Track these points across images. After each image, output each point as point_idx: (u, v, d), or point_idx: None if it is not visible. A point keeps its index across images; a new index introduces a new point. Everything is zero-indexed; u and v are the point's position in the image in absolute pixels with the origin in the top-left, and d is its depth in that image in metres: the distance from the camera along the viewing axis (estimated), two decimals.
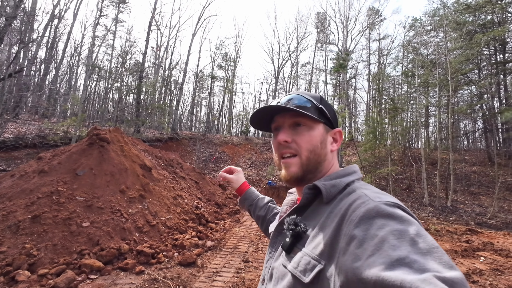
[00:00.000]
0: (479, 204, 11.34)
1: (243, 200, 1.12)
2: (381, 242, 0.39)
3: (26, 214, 3.69)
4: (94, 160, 5.07)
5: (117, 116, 16.98)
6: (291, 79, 29.24)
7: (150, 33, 20.61)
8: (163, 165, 7.55)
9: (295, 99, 0.66)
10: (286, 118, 0.66)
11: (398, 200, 0.49)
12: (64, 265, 3.12)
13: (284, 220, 0.62)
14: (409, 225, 0.41)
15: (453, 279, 0.32)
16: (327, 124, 0.67)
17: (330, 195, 0.57)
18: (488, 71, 17.50)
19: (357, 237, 0.42)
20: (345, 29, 25.82)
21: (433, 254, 0.36)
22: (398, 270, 0.34)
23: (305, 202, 0.61)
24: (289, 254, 0.56)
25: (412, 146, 19.75)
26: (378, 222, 0.42)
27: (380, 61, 26.42)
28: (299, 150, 0.63)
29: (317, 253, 0.49)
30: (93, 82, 26.89)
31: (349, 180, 0.60)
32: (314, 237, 0.52)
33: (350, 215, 0.47)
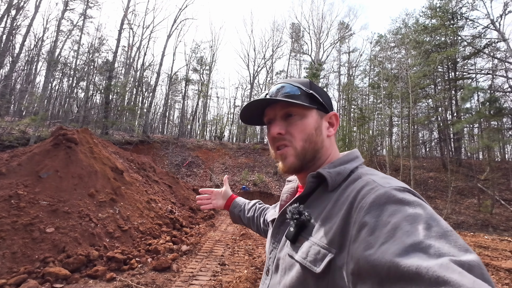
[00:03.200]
0: (435, 207, 12.41)
1: (232, 209, 1.12)
2: (394, 229, 0.37)
3: None
4: (60, 162, 4.75)
5: (83, 116, 15.96)
6: (266, 86, 29.76)
7: (122, 31, 19.82)
8: (135, 169, 7.25)
9: (283, 88, 0.64)
10: (276, 110, 0.64)
11: (407, 185, 0.48)
12: (25, 274, 2.88)
13: (286, 209, 0.60)
14: (422, 209, 0.40)
15: (470, 262, 0.31)
16: (320, 109, 0.65)
17: (335, 183, 0.56)
18: (442, 86, 19.41)
19: (369, 224, 0.41)
20: (318, 40, 27.09)
21: (448, 237, 0.35)
22: (413, 255, 0.33)
23: (308, 190, 0.59)
24: (294, 243, 0.55)
25: (378, 153, 21.09)
26: (390, 208, 0.41)
27: (349, 72, 28.05)
28: (292, 141, 0.62)
29: (327, 242, 0.47)
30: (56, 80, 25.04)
31: (353, 166, 0.59)
32: (322, 226, 0.51)
33: (360, 202, 0.46)
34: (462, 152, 18.56)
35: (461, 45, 17.94)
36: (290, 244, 0.56)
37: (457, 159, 16.91)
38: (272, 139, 0.64)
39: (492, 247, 6.69)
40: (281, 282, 0.55)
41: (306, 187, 0.59)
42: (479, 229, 10.04)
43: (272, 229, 0.67)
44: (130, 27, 23.29)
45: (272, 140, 0.64)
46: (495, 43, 17.01)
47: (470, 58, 18.58)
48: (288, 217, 0.57)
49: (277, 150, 0.64)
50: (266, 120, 0.68)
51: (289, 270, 0.53)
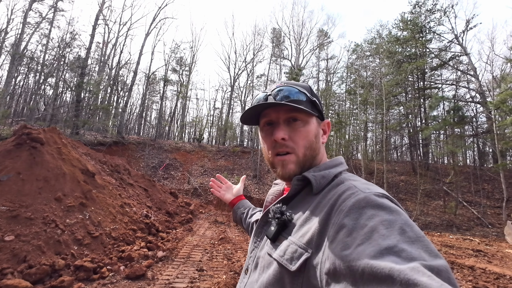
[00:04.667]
0: (406, 208, 13.08)
1: (236, 209, 1.11)
2: (371, 232, 0.39)
3: None
4: (23, 163, 4.38)
5: (51, 115, 14.95)
6: (246, 89, 29.84)
7: (97, 27, 18.88)
8: (108, 171, 6.88)
9: (288, 91, 0.63)
10: (280, 113, 0.63)
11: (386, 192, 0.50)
12: None
13: (269, 209, 0.61)
14: (398, 215, 0.42)
15: (439, 266, 0.33)
16: (319, 116, 0.67)
17: (320, 186, 0.57)
18: (412, 95, 20.66)
19: (347, 226, 0.42)
20: (297, 46, 27.71)
21: (421, 242, 0.37)
22: (387, 258, 0.34)
23: (293, 192, 0.60)
24: (274, 242, 0.56)
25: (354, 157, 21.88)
26: (368, 212, 0.43)
27: (327, 78, 28.93)
28: (295, 148, 0.61)
29: (305, 242, 0.49)
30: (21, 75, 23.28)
31: (337, 171, 0.61)
32: (301, 226, 0.52)
33: (340, 205, 0.48)
34: (429, 157, 19.78)
35: (429, 57, 19.25)
36: (270, 243, 0.57)
37: (425, 163, 17.99)
38: (273, 143, 0.63)
39: (456, 246, 7.16)
40: (258, 280, 0.56)
41: (291, 189, 0.61)
42: (444, 229, 10.72)
43: (255, 228, 0.68)
44: (106, 23, 22.31)
45: (273, 144, 0.63)
46: (458, 56, 18.46)
47: (437, 69, 19.99)
48: (270, 217, 0.58)
49: (276, 155, 0.63)
50: (265, 121, 0.66)
51: (267, 268, 0.54)
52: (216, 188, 1.19)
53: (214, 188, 1.19)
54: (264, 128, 0.66)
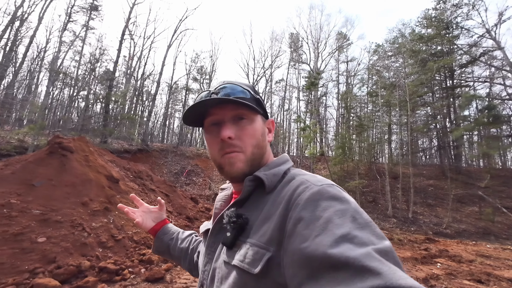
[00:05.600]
0: (436, 215, 12.27)
1: (161, 235, 0.93)
2: (326, 222, 0.41)
3: None
4: (54, 170, 4.72)
5: (82, 125, 16.00)
6: (265, 95, 29.99)
7: (123, 42, 20.11)
8: (132, 177, 7.21)
9: (231, 89, 0.61)
10: (226, 111, 0.61)
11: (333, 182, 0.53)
12: (13, 285, 2.81)
13: (223, 214, 0.58)
14: (348, 204, 0.45)
15: (386, 248, 0.38)
16: (263, 114, 0.66)
17: (271, 184, 0.57)
18: (440, 94, 19.54)
19: (304, 218, 0.44)
20: (316, 50, 27.49)
21: (369, 227, 0.41)
22: (342, 246, 0.37)
23: (246, 194, 0.58)
24: (231, 249, 0.53)
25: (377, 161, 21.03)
26: (323, 204, 0.45)
27: (348, 81, 28.28)
28: (243, 147, 0.60)
29: (264, 241, 0.48)
30: (57, 89, 25.26)
31: (286, 168, 0.62)
32: (259, 226, 0.51)
33: (296, 199, 0.48)
34: (461, 160, 18.48)
35: (457, 54, 18.15)
36: (227, 250, 0.54)
37: (456, 167, 16.83)
38: (220, 143, 0.60)
39: (494, 256, 6.57)
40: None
41: (243, 191, 0.58)
42: (480, 238, 9.89)
43: (208, 238, 0.64)
44: (131, 38, 23.66)
45: (220, 144, 0.60)
46: (491, 51, 17.23)
47: (467, 67, 18.76)
48: (225, 222, 0.55)
49: (224, 155, 0.60)
50: (210, 121, 0.63)
51: (226, 278, 0.52)
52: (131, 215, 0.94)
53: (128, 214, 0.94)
54: (210, 128, 0.63)
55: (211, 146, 0.63)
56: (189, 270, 0.89)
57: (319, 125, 22.36)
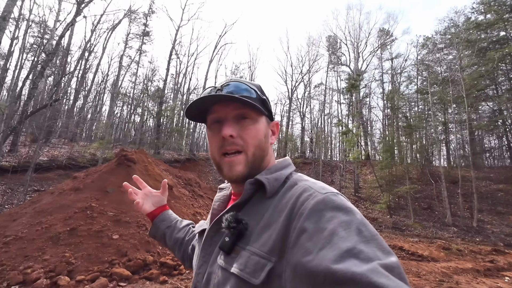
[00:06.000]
0: (508, 224, 10.72)
1: (158, 222, 0.91)
2: (331, 235, 0.40)
3: (65, 227, 4.13)
4: (122, 178, 5.55)
5: (139, 138, 17.98)
6: (304, 100, 29.83)
7: (171, 61, 22.21)
8: (183, 184, 7.96)
9: (237, 87, 0.60)
10: (229, 109, 0.59)
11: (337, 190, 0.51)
12: (97, 272, 3.46)
13: (222, 217, 0.57)
14: (354, 215, 0.43)
15: (392, 264, 0.36)
16: (268, 116, 0.65)
17: (273, 189, 0.56)
18: (507, 86, 17.15)
19: (307, 230, 0.42)
20: (356, 50, 26.52)
21: (375, 241, 0.40)
22: (348, 261, 0.36)
23: (246, 197, 0.57)
24: (229, 254, 0.51)
25: (432, 163, 19.16)
26: (327, 214, 0.44)
27: (393, 79, 26.56)
28: (245, 146, 0.59)
29: (266, 251, 0.47)
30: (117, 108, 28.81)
31: (288, 172, 0.60)
32: (261, 234, 0.50)
33: (299, 208, 0.47)
34: None
35: None
36: (224, 256, 0.52)
37: None
38: (221, 141, 0.59)
39: None
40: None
41: (243, 194, 0.57)
42: None
43: (203, 240, 0.62)
44: (178, 57, 25.92)
45: (221, 142, 0.59)
46: None
47: None
48: (224, 226, 0.53)
49: (223, 155, 0.60)
50: (212, 118, 0.62)
51: (223, 285, 0.50)
52: (133, 196, 0.94)
53: (130, 195, 0.94)
54: (212, 126, 0.62)
55: (211, 143, 0.62)
56: (182, 260, 0.88)
57: (363, 128, 21.36)
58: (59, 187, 5.66)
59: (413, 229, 10.64)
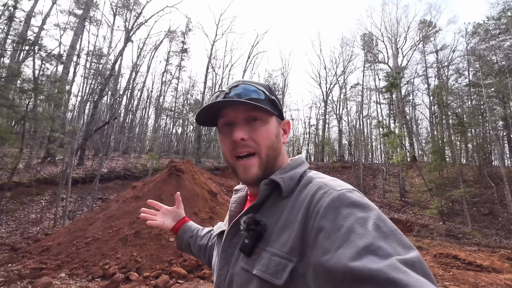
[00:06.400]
0: None
1: (182, 234, 0.98)
2: (348, 232, 0.40)
3: (130, 230, 4.78)
4: (173, 187, 6.18)
5: (183, 149, 19.32)
6: (340, 102, 29.04)
7: (208, 75, 23.56)
8: (225, 191, 8.45)
9: (245, 89, 0.61)
10: (239, 112, 0.60)
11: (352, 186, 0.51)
12: (160, 270, 3.97)
13: (239, 219, 0.57)
14: (371, 211, 0.43)
15: (413, 259, 0.35)
16: (278, 115, 0.65)
17: (288, 188, 0.56)
18: None
19: (325, 228, 0.43)
20: (394, 46, 25.15)
21: (394, 236, 0.39)
22: (366, 258, 0.35)
23: (262, 198, 0.58)
24: (250, 256, 0.52)
25: (491, 164, 17.14)
26: (343, 211, 0.44)
27: (439, 73, 24.50)
28: (257, 148, 0.59)
29: (286, 251, 0.47)
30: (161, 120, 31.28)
31: (302, 170, 0.61)
32: (280, 234, 0.50)
33: (315, 206, 0.47)
34: None
35: None
36: (245, 257, 0.53)
37: None
38: (233, 144, 0.59)
39: None
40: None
41: (259, 195, 0.57)
42: None
43: (223, 242, 0.62)
44: (213, 70, 27.36)
45: (232, 145, 0.60)
46: None
47: None
48: (243, 228, 0.54)
49: (237, 159, 0.60)
50: (223, 122, 0.63)
51: (246, 286, 0.51)
52: (150, 217, 1.02)
53: (148, 218, 1.02)
54: (223, 129, 0.63)
55: (223, 146, 0.63)
56: (208, 264, 0.89)
57: (407, 128, 20.05)
58: (122, 196, 6.51)
59: (472, 237, 9.68)
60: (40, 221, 8.48)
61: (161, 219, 1.02)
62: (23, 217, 8.47)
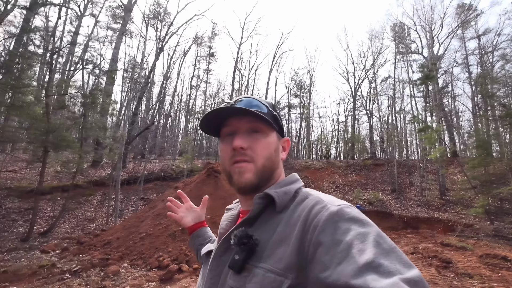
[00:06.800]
0: None
1: (195, 237, 0.98)
2: (347, 248, 0.39)
3: (177, 227, 5.28)
4: (212, 187, 6.63)
5: (215, 150, 20.13)
6: (370, 97, 27.99)
7: (235, 77, 24.17)
8: None
9: (249, 102, 0.63)
10: (242, 123, 0.62)
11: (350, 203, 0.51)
12: None
13: (230, 234, 0.55)
14: (370, 227, 0.43)
15: (415, 278, 0.35)
16: (279, 132, 0.66)
17: (283, 202, 0.55)
18: None
19: (323, 243, 0.42)
20: (429, 35, 23.64)
21: (394, 253, 0.39)
22: (367, 276, 0.35)
23: (256, 212, 0.56)
24: (240, 273, 0.49)
25: None
26: (342, 226, 0.43)
27: (482, 60, 22.55)
28: (255, 157, 0.60)
29: (282, 267, 0.45)
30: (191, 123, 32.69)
31: (297, 186, 0.61)
32: (274, 249, 0.48)
33: (313, 219, 0.46)
34: None
35: None
36: (234, 275, 0.50)
37: None
38: (231, 152, 0.61)
39: None
40: None
41: (253, 209, 0.56)
42: None
43: (211, 261, 0.60)
44: (240, 72, 27.97)
45: (231, 153, 0.61)
46: None
47: None
48: (234, 243, 0.52)
49: (234, 163, 0.61)
50: (226, 131, 0.64)
51: None
52: (174, 209, 1.02)
53: (171, 209, 1.02)
54: (225, 138, 0.64)
55: (223, 155, 0.63)
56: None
57: (445, 122, 18.83)
58: (166, 195, 7.11)
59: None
60: (94, 218, 9.51)
61: (182, 214, 1.01)
62: (80, 215, 9.56)
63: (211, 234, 1.00)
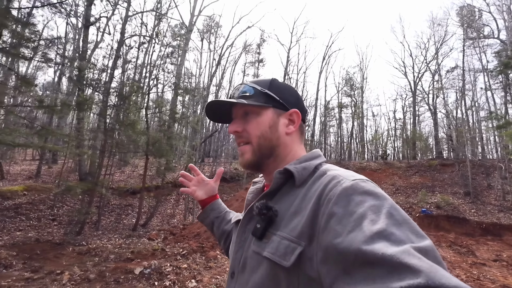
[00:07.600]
0: None
1: (209, 210, 0.97)
2: (360, 218, 0.41)
3: None
4: None
5: None
6: (434, 90, 25.50)
7: (284, 81, 24.74)
8: None
9: (238, 89, 0.68)
10: (237, 109, 0.68)
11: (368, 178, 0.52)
12: None
13: (253, 205, 0.59)
14: (384, 200, 0.44)
15: (426, 247, 0.36)
16: (278, 107, 0.66)
17: (302, 177, 0.58)
18: None
19: (337, 214, 0.44)
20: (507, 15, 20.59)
21: (407, 225, 0.40)
22: (378, 243, 0.36)
23: (275, 186, 0.59)
24: (261, 240, 0.54)
25: None
26: (356, 198, 0.44)
27: None
28: (249, 138, 0.65)
29: (296, 235, 0.49)
30: None
31: (317, 162, 0.62)
32: (290, 220, 0.52)
33: (327, 194, 0.48)
34: None
35: None
36: (257, 241, 0.55)
37: None
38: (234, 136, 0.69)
39: None
40: (249, 282, 0.55)
41: (273, 183, 0.60)
42: None
43: (238, 228, 0.66)
44: (289, 76, 28.44)
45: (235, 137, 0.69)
46: None
47: None
48: (255, 213, 0.56)
49: (238, 147, 0.68)
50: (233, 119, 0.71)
51: (257, 267, 0.53)
52: (186, 183, 1.02)
53: (184, 182, 1.02)
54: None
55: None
56: (226, 251, 0.92)
57: None
58: (239, 195, 8.06)
59: None
60: (173, 215, 11.09)
61: (194, 187, 1.00)
62: (163, 212, 11.26)
63: (224, 207, 1.02)
